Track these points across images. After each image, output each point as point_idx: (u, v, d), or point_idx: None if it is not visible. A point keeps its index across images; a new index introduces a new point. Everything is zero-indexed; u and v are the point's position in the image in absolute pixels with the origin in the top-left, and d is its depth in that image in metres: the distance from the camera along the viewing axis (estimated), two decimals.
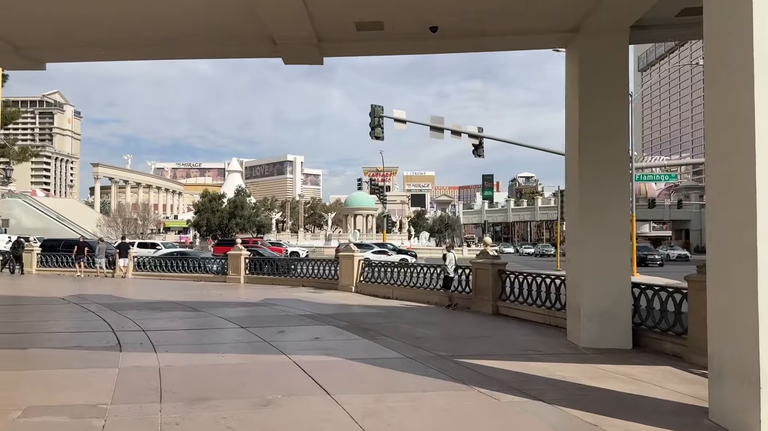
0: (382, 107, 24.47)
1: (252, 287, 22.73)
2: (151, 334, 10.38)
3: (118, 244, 30.30)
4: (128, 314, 12.94)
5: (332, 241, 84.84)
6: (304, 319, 13.10)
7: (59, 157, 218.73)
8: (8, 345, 8.97)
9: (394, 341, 10.34)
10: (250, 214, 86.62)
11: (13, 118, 34.90)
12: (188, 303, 15.84)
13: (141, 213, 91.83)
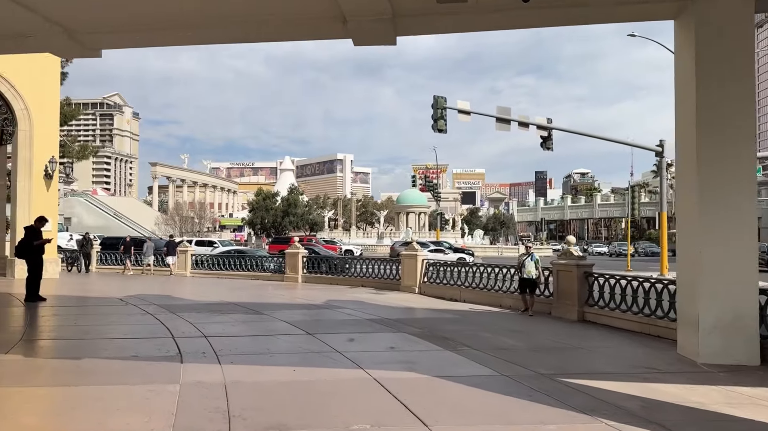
0: (445, 98, 23.22)
1: (310, 287, 21.92)
2: (213, 341, 9.53)
3: (166, 243, 30.15)
4: (188, 317, 12.20)
5: (384, 239, 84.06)
6: (372, 325, 12.06)
7: (119, 157, 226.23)
8: (63, 355, 8.24)
9: (480, 353, 9.15)
10: (303, 212, 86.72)
11: (72, 116, 35.37)
12: (248, 304, 15.07)
13: (197, 211, 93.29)
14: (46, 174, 21.19)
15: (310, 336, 10.39)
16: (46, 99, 21.33)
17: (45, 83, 21.28)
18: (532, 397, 6.68)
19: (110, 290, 18.63)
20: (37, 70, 21.00)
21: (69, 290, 17.95)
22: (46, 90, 21.35)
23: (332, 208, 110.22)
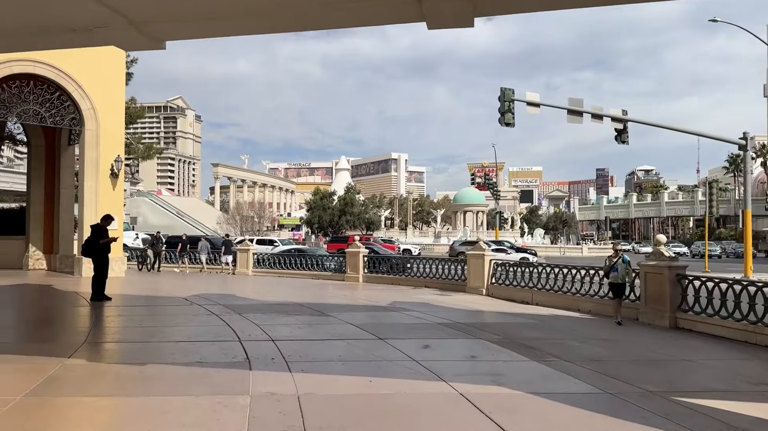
0: (512, 90, 22.14)
1: (372, 287, 21.32)
2: (281, 345, 8.98)
3: (222, 242, 30.13)
4: (253, 318, 11.75)
5: (441, 238, 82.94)
6: (445, 329, 11.28)
7: (182, 159, 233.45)
8: (127, 359, 7.84)
9: (571, 365, 8.22)
10: (360, 211, 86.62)
11: (138, 117, 36.13)
12: (313, 305, 14.56)
13: (257, 211, 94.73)
14: (112, 173, 21.39)
15: (381, 341, 9.71)
16: (112, 98, 21.54)
17: (111, 83, 21.50)
18: (648, 421, 5.76)
19: (175, 289, 18.54)
20: (103, 70, 21.23)
21: (134, 289, 17.94)
22: (112, 90, 21.56)
23: (388, 207, 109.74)
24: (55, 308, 13.36)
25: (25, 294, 15.86)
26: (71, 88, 20.53)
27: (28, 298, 15.09)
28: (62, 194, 24.23)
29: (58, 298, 14.98)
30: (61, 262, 23.78)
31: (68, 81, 20.43)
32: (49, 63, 19.93)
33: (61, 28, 9.66)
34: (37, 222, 24.29)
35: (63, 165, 24.36)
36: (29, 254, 24.09)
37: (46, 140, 24.58)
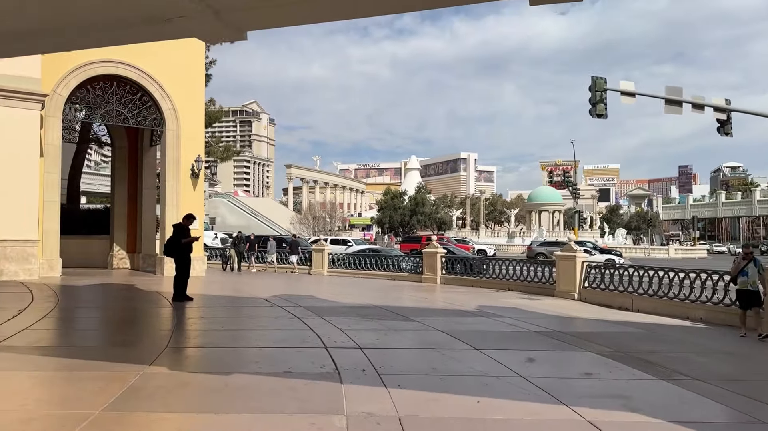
0: (604, 79, 20.60)
1: (452, 289, 20.40)
2: (369, 354, 8.24)
3: (289, 242, 29.87)
4: (336, 322, 11.11)
5: (515, 239, 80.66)
6: (546, 339, 10.22)
7: (257, 161, 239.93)
8: (211, 367, 7.30)
9: (707, 386, 7.04)
10: (431, 211, 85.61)
11: (216, 118, 36.69)
12: (394, 308, 13.80)
13: (328, 211, 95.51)
14: (192, 173, 21.47)
15: (477, 352, 8.79)
16: (192, 99, 21.63)
17: (191, 84, 21.60)
18: None
19: (254, 289, 18.29)
20: (183, 71, 21.35)
21: (215, 289, 17.79)
22: (192, 90, 21.65)
23: (460, 206, 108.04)
24: (137, 309, 13.22)
25: (109, 294, 15.96)
26: (152, 89, 20.74)
27: (112, 298, 15.13)
28: (145, 194, 24.65)
29: (140, 298, 14.93)
30: (143, 261, 24.20)
31: (150, 81, 20.65)
32: (131, 64, 20.18)
33: (137, 19, 9.24)
34: (120, 222, 24.84)
35: (145, 166, 24.78)
36: (113, 253, 24.66)
37: (128, 141, 25.10)
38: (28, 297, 13.56)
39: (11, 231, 17.27)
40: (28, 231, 17.61)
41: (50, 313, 11.31)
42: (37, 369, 6.92)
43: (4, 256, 17.15)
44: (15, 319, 10.40)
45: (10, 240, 17.27)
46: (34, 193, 17.81)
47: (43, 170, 18.53)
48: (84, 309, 13.06)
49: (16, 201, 17.31)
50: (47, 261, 18.68)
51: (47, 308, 11.92)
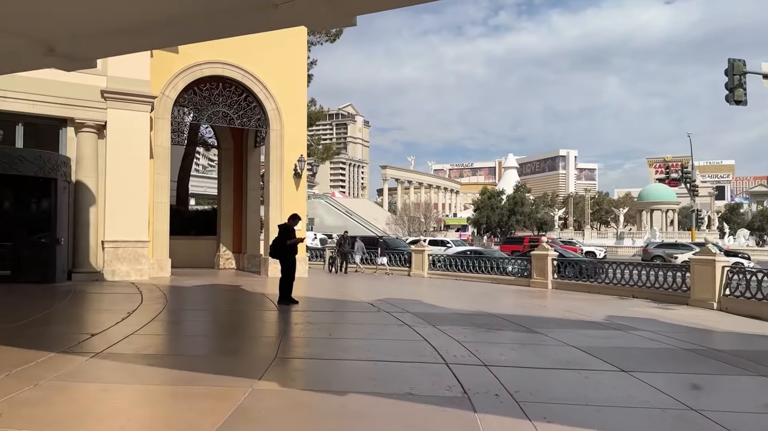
0: (743, 61, 18.19)
1: (567, 296, 18.79)
2: (499, 374, 7.15)
3: (378, 242, 29.11)
4: (451, 332, 10.10)
5: (624, 240, 76.00)
6: (703, 359, 8.65)
7: (352, 163, 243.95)
8: (325, 385, 6.50)
9: None
10: (530, 210, 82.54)
11: (317, 118, 36.82)
12: (510, 317, 12.57)
13: (423, 211, 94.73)
14: (295, 173, 21.24)
15: (625, 374, 7.46)
16: (295, 99, 21.40)
17: (293, 83, 21.37)
18: None
19: (357, 292, 17.65)
20: (286, 71, 21.16)
21: (318, 291, 17.30)
22: (295, 90, 21.42)
23: (562, 205, 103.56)
24: (243, 312, 12.85)
25: (215, 296, 15.83)
26: (257, 89, 20.68)
27: (218, 300, 14.95)
28: (249, 195, 24.82)
29: (246, 300, 14.64)
30: (248, 262, 24.34)
31: (254, 82, 20.60)
32: (236, 64, 20.21)
33: (243, 7, 8.65)
34: (226, 222, 25.16)
35: (249, 167, 24.95)
36: (220, 254, 25.01)
37: (234, 143, 25.40)
38: (138, 298, 13.59)
39: (123, 232, 17.66)
40: (139, 232, 17.96)
41: (158, 316, 11.09)
42: (141, 383, 6.42)
43: (116, 257, 17.56)
44: (123, 322, 10.22)
45: (122, 240, 17.65)
46: (144, 195, 18.15)
47: (153, 172, 18.87)
48: (191, 311, 12.86)
49: (128, 202, 17.69)
50: (157, 262, 19.01)
51: (155, 310, 11.76)
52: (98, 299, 13.81)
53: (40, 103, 16.35)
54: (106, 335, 8.97)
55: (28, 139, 16.60)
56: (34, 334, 8.95)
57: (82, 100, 16.95)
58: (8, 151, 14.44)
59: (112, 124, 17.49)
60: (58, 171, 15.67)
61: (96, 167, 17.35)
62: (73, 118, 16.98)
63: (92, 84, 17.15)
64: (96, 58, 11.63)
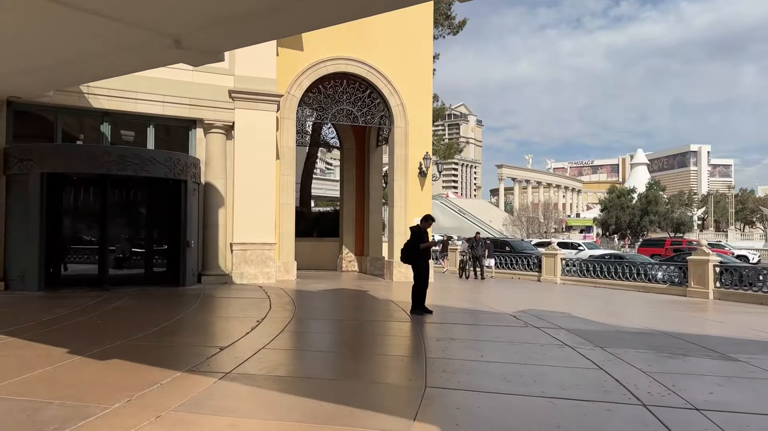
0: None
1: (736, 308, 16.18)
2: (721, 422, 5.39)
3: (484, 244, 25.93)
4: (625, 356, 8.32)
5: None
6: None
7: (464, 163, 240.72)
8: None
9: None
10: (665, 210, 76.03)
11: (438, 115, 35.58)
12: (692, 337, 10.44)
13: (544, 211, 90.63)
14: (420, 172, 20.06)
15: None
16: (420, 94, 20.22)
17: (418, 78, 20.20)
18: None
19: (491, 300, 16.08)
20: (410, 64, 20.04)
21: (449, 299, 15.90)
22: (419, 84, 20.24)
23: (701, 204, 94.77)
24: (375, 323, 11.72)
25: (343, 302, 14.94)
26: (381, 85, 19.73)
27: (347, 307, 13.99)
28: (371, 196, 24.02)
29: (375, 309, 13.57)
30: (371, 264, 23.54)
31: (378, 77, 19.66)
32: (360, 60, 19.39)
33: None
34: (349, 224, 24.52)
35: (372, 167, 24.15)
36: (342, 256, 24.41)
37: (356, 143, 24.71)
38: (266, 303, 12.95)
39: (251, 234, 17.32)
40: (266, 234, 17.55)
41: (287, 326, 10.24)
42: (276, 417, 5.35)
43: (244, 259, 17.25)
44: (253, 332, 9.43)
45: (250, 243, 17.32)
46: (271, 196, 17.73)
47: (279, 173, 18.45)
48: (321, 321, 11.92)
49: (256, 204, 17.34)
50: (283, 264, 18.56)
51: (284, 319, 10.96)
52: (227, 304, 13.36)
53: (170, 105, 16.36)
54: (236, 349, 8.16)
55: (158, 141, 16.69)
56: (161, 346, 8.33)
57: (210, 101, 16.79)
58: (139, 152, 14.43)
59: (239, 124, 17.23)
60: (187, 172, 15.53)
61: (224, 168, 17.15)
62: (202, 119, 16.87)
63: (220, 84, 16.96)
64: (222, 51, 11.02)
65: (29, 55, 11.52)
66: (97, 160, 13.79)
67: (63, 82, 13.27)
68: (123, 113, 16.03)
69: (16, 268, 13.79)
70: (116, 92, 15.62)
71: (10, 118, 14.56)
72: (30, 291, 13.52)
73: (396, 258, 19.78)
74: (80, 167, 13.75)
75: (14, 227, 13.91)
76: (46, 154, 13.61)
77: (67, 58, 11.44)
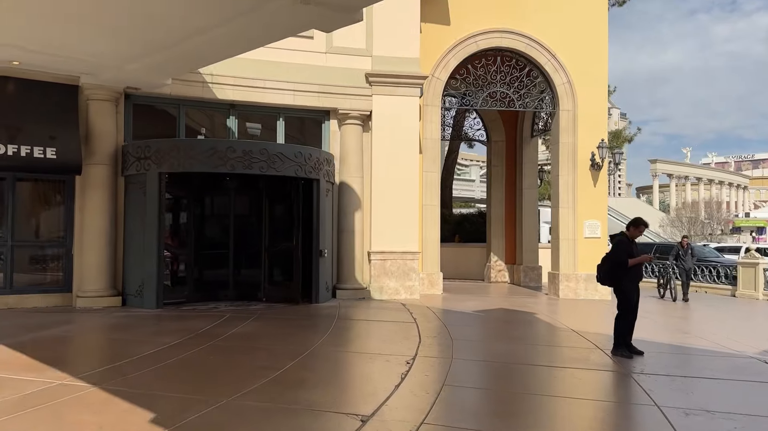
0: None
1: None
2: None
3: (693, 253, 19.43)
4: None
5: None
6: None
7: None
8: None
9: None
10: None
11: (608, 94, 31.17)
12: None
13: (709, 210, 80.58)
14: (592, 164, 16.41)
15: None
16: (592, 68, 16.52)
17: (590, 48, 16.52)
18: None
19: (707, 330, 12.18)
20: (580, 32, 16.43)
21: (649, 328, 11.89)
22: (593, 56, 16.52)
23: None
24: (565, 372, 8.24)
25: (507, 331, 11.77)
26: (542, 60, 16.35)
27: (515, 339, 10.74)
28: (524, 195, 20.66)
29: (555, 344, 10.31)
30: (525, 275, 20.20)
31: (539, 51, 16.31)
32: (516, 30, 16.17)
33: None
34: (497, 228, 21.32)
35: (525, 161, 20.78)
36: (490, 264, 21.27)
37: (506, 134, 21.46)
38: (413, 331, 10.23)
39: (391, 242, 14.79)
40: (409, 241, 14.93)
41: (448, 376, 7.39)
42: None
43: (383, 271, 14.75)
44: (404, 385, 6.71)
45: (390, 251, 14.78)
46: (414, 197, 15.10)
47: (422, 169, 15.78)
48: (490, 366, 8.60)
49: (396, 206, 14.80)
50: (427, 276, 15.86)
51: (441, 360, 8.15)
52: (366, 331, 10.85)
53: (302, 94, 14.27)
54: (384, 420, 5.49)
55: (288, 137, 14.69)
56: (279, 409, 5.84)
57: (345, 87, 14.49)
58: (266, 147, 12.33)
59: (377, 114, 14.78)
60: (320, 170, 13.30)
61: (360, 165, 14.79)
62: (336, 109, 14.61)
63: (356, 67, 14.62)
64: (358, 6, 8.49)
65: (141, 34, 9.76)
66: (219, 157, 11.90)
67: (181, 66, 11.56)
68: (250, 105, 14.20)
69: (134, 281, 12.29)
70: (243, 81, 13.79)
71: (129, 113, 13.17)
72: (147, 308, 11.92)
73: (564, 270, 16.31)
74: (201, 165, 11.93)
75: (132, 234, 12.45)
76: (164, 150, 11.93)
77: (181, 33, 9.52)
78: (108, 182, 12.55)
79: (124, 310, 11.98)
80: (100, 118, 12.53)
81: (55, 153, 11.55)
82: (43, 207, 12.93)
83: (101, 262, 12.31)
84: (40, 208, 12.88)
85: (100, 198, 12.40)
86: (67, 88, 12.20)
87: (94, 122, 12.50)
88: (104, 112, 12.57)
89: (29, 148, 11.34)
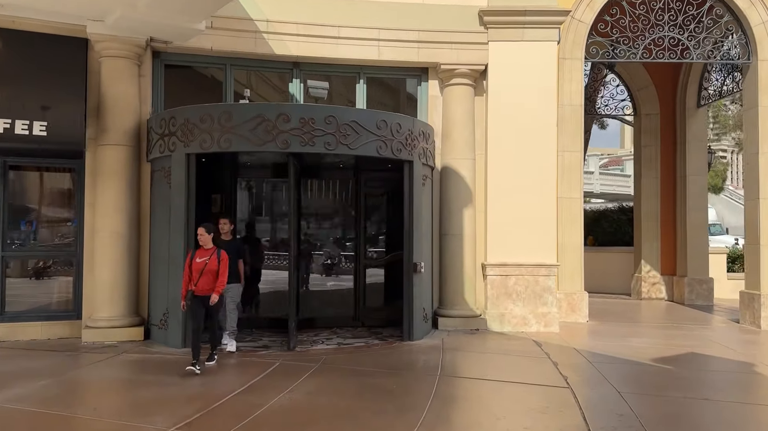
0: None
1: None
2: None
3: None
4: None
5: None
6: None
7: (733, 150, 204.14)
8: None
9: None
10: None
11: None
12: None
13: None
14: None
15: None
16: None
17: None
18: None
19: None
20: None
21: None
22: None
23: None
24: None
25: (736, 411, 7.03)
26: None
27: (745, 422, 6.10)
28: (689, 183, 15.51)
29: None
30: (690, 290, 15.12)
31: None
32: None
33: None
34: (649, 227, 16.27)
35: (689, 138, 15.62)
36: (641, 275, 16.26)
37: (660, 104, 16.35)
38: (571, 408, 5.89)
39: (516, 250, 10.44)
40: (541, 249, 10.51)
41: None
42: None
43: (504, 291, 10.43)
44: None
45: (514, 264, 10.44)
46: (548, 186, 10.69)
47: (558, 148, 11.27)
48: None
49: (523, 199, 10.47)
50: (566, 297, 11.35)
51: None
52: (488, 407, 6.61)
53: (388, 45, 10.24)
54: None
55: (369, 100, 10.71)
56: None
57: (450, 33, 10.33)
58: (333, 113, 8.30)
59: (496, 69, 10.48)
60: (414, 147, 9.19)
61: (471, 142, 10.58)
62: (437, 63, 10.45)
63: (464, 4, 10.41)
64: None
65: None
66: (266, 130, 8.10)
67: None
68: (318, 62, 10.39)
69: (159, 307, 8.83)
70: (309, 29, 10.00)
71: (159, 77, 9.72)
72: (172, 346, 8.40)
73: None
74: (241, 142, 8.16)
75: (159, 241, 9.02)
76: (192, 122, 8.31)
77: None
78: (127, 169, 9.15)
79: (140, 349, 8.53)
80: (117, 83, 9.14)
81: (45, 128, 8.32)
82: (46, 204, 9.80)
83: (116, 279, 8.94)
84: (42, 205, 9.74)
85: (116, 191, 9.03)
86: (72, 43, 8.97)
87: (108, 88, 9.12)
88: (122, 74, 9.17)
89: (9, 122, 8.16)
